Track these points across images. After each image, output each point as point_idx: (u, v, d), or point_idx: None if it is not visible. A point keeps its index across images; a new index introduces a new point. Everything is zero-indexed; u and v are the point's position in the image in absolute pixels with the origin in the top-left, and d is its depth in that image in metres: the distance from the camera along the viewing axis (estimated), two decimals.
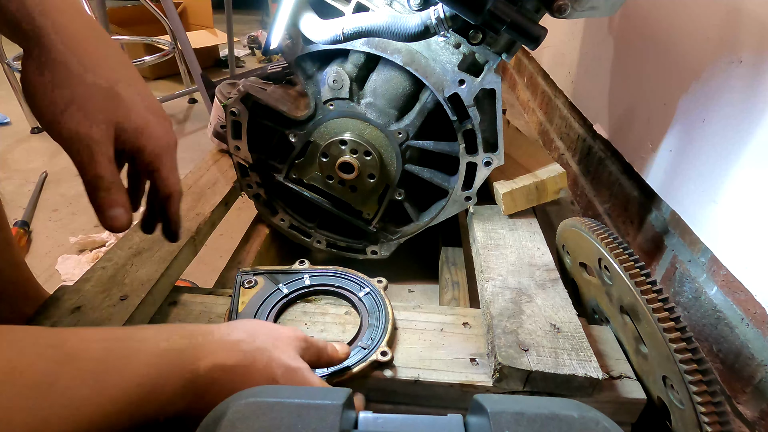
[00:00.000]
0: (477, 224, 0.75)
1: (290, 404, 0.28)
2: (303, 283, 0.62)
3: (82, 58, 0.37)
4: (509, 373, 0.49)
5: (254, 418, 0.27)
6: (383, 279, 0.63)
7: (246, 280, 0.60)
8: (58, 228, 1.13)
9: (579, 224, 0.63)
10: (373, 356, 0.51)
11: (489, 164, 0.70)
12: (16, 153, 1.50)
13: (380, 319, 0.57)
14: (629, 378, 0.52)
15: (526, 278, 0.62)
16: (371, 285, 0.62)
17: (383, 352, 0.51)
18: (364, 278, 0.63)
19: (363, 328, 0.56)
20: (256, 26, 3.33)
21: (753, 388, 0.55)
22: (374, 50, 0.67)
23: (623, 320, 0.55)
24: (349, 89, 0.71)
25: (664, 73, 0.80)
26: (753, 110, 0.59)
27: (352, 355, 0.51)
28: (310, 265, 0.65)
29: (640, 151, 0.86)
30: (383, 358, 0.51)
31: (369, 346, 0.53)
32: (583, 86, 1.22)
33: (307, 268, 0.64)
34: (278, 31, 0.71)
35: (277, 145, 0.79)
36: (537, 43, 0.51)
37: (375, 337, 0.54)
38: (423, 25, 0.54)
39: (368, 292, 0.61)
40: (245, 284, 0.60)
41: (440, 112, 0.69)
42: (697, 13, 0.72)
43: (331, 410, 0.27)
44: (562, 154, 1.34)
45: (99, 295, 0.54)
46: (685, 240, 0.71)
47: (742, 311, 0.57)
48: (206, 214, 0.73)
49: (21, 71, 0.37)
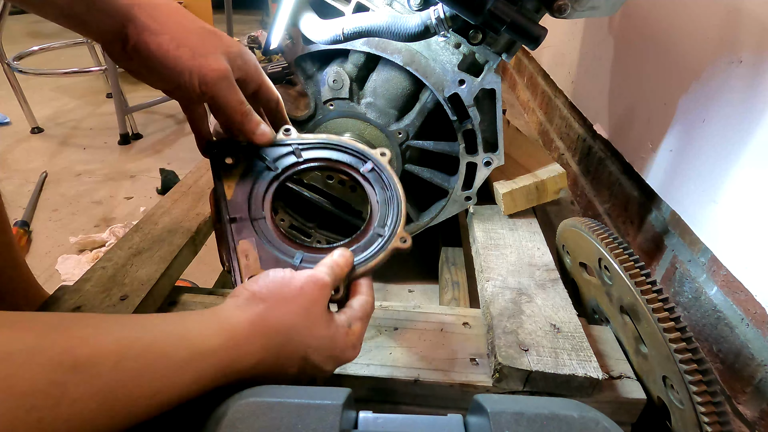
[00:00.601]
0: (477, 224, 0.75)
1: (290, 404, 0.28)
2: (294, 158, 0.51)
3: (174, 15, 0.43)
4: (509, 373, 0.49)
5: (254, 418, 0.27)
6: (386, 151, 0.55)
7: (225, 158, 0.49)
8: (58, 228, 1.13)
9: (579, 224, 0.63)
10: (392, 244, 0.47)
11: (489, 164, 0.70)
12: (16, 153, 1.50)
13: (392, 199, 0.50)
14: (629, 378, 0.52)
15: (526, 278, 0.62)
16: (374, 158, 0.54)
17: (402, 239, 0.47)
18: (365, 149, 0.54)
19: (373, 211, 0.50)
20: (256, 26, 3.33)
21: (753, 388, 0.55)
22: (374, 50, 0.67)
23: (623, 320, 0.55)
24: (349, 89, 0.71)
25: (664, 73, 0.80)
26: (753, 110, 0.59)
27: (370, 243, 0.47)
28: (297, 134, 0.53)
29: (640, 151, 0.86)
30: (403, 245, 0.47)
31: (385, 233, 0.47)
32: (583, 86, 1.22)
33: (295, 137, 0.53)
34: (278, 31, 0.71)
35: None
36: (537, 43, 0.51)
37: (389, 222, 0.48)
38: (423, 25, 0.54)
39: (372, 168, 0.53)
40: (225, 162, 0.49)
41: (440, 112, 0.69)
42: (697, 13, 0.72)
43: (331, 410, 0.27)
44: (562, 154, 1.34)
45: (99, 295, 0.54)
46: (685, 240, 0.71)
47: (742, 311, 0.57)
48: (206, 214, 0.73)
49: (120, 51, 0.42)
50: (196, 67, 0.41)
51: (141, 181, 1.36)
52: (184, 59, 0.41)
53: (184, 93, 0.43)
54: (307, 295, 0.37)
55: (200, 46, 0.42)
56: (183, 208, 0.73)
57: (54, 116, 1.78)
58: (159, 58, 0.41)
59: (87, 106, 1.89)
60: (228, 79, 0.43)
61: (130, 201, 1.26)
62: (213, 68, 0.42)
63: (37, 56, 1.94)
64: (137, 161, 1.49)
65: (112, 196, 1.28)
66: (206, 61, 0.42)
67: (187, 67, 0.41)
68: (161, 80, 0.43)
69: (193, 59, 0.41)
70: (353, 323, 0.40)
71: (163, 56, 0.41)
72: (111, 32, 0.41)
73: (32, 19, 3.31)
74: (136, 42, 0.41)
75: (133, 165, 1.46)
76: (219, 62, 0.43)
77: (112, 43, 0.41)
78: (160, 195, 1.29)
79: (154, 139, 1.65)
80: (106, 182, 1.35)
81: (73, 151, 1.52)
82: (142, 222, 0.69)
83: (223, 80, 0.43)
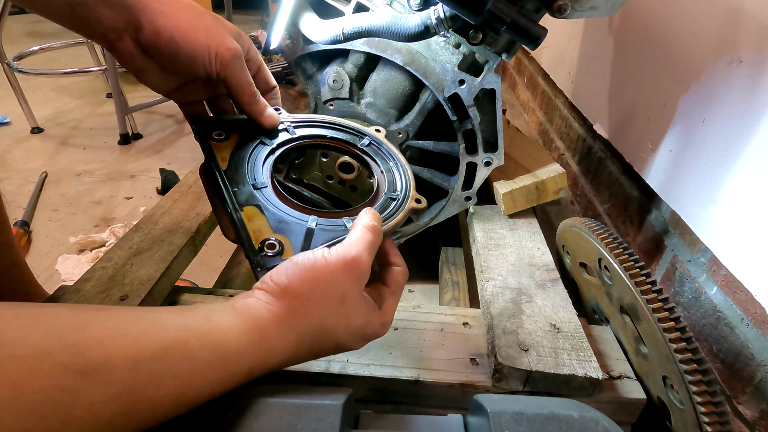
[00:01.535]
0: (477, 224, 0.75)
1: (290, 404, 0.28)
2: (288, 135, 0.50)
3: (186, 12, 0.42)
4: (509, 373, 0.49)
5: (254, 418, 0.27)
6: (381, 128, 0.55)
7: (214, 132, 0.46)
8: (58, 228, 1.13)
9: (579, 224, 0.63)
10: (408, 204, 0.46)
11: (489, 164, 0.70)
12: (16, 153, 1.50)
13: (397, 166, 0.50)
14: (629, 378, 0.52)
15: (526, 278, 0.62)
16: (370, 134, 0.53)
17: (417, 199, 0.46)
18: (360, 127, 0.53)
19: (380, 181, 0.49)
20: (256, 26, 3.33)
21: (753, 388, 0.55)
22: (374, 50, 0.67)
23: (623, 320, 0.55)
24: (349, 89, 0.71)
25: (664, 73, 0.80)
26: (753, 110, 0.59)
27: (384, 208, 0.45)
28: (287, 113, 0.52)
29: (640, 151, 0.86)
30: (419, 205, 0.46)
31: (398, 196, 0.47)
32: (583, 86, 1.22)
33: (286, 116, 0.51)
34: (278, 31, 0.71)
35: None
36: (537, 43, 0.51)
37: (399, 187, 0.48)
38: (423, 25, 0.54)
39: (369, 142, 0.52)
40: (214, 137, 0.46)
41: (440, 112, 0.69)
42: (697, 13, 0.72)
43: (331, 410, 0.27)
44: (562, 154, 1.34)
45: (99, 295, 0.54)
46: (685, 240, 0.71)
47: (742, 311, 0.57)
48: (206, 214, 0.72)
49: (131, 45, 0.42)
50: (213, 46, 0.42)
51: (141, 181, 1.36)
52: (201, 40, 0.41)
53: (201, 74, 0.43)
54: (343, 284, 0.34)
55: (213, 27, 0.42)
56: (183, 208, 0.73)
57: (54, 116, 1.78)
58: (177, 40, 0.41)
59: (87, 106, 1.89)
60: (241, 60, 0.44)
61: (130, 201, 1.26)
62: (228, 47, 0.42)
63: (37, 56, 1.94)
64: (137, 161, 1.49)
65: (112, 196, 1.28)
66: (222, 41, 0.42)
67: (206, 47, 0.41)
68: (178, 66, 0.43)
69: (210, 39, 0.42)
70: (387, 299, 0.38)
71: (181, 37, 0.41)
72: (118, 27, 0.40)
73: (32, 19, 3.31)
74: (152, 28, 0.40)
75: (133, 165, 1.46)
76: (232, 42, 0.43)
77: (120, 39, 0.41)
78: (160, 195, 1.29)
79: (154, 139, 1.65)
80: (106, 182, 1.35)
81: (73, 151, 1.52)
82: (142, 222, 0.69)
83: (237, 60, 0.43)
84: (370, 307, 0.36)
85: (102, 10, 0.39)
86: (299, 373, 0.49)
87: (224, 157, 0.44)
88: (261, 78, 0.50)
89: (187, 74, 0.45)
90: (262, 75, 0.50)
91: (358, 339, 0.36)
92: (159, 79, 0.45)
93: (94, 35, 0.42)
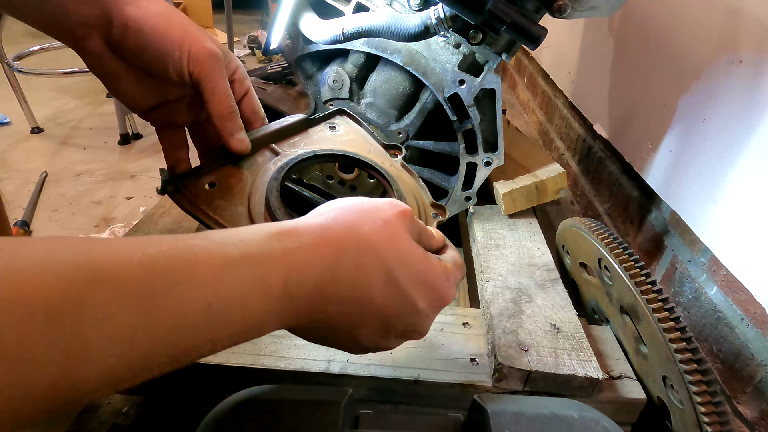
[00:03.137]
0: (477, 224, 0.75)
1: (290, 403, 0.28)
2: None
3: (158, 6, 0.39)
4: (509, 373, 0.49)
5: (254, 417, 0.27)
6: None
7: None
8: (58, 228, 1.13)
9: (579, 224, 0.63)
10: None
11: (489, 164, 0.70)
12: (16, 153, 1.50)
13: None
14: (629, 378, 0.52)
15: (526, 278, 0.62)
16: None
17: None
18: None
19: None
20: (256, 26, 3.33)
21: (753, 388, 0.55)
22: (374, 50, 0.67)
23: (623, 320, 0.55)
24: (349, 89, 0.71)
25: (664, 73, 0.80)
26: (753, 110, 0.59)
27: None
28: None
29: (640, 151, 0.86)
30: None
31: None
32: (583, 86, 1.22)
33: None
34: (278, 31, 0.71)
35: None
36: (537, 43, 0.51)
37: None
38: (423, 25, 0.54)
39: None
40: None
41: (440, 112, 0.69)
42: (697, 13, 0.72)
43: (331, 410, 0.27)
44: (562, 154, 1.34)
45: None
46: (685, 240, 0.71)
47: (742, 311, 0.57)
48: None
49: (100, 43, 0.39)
50: (186, 42, 0.38)
51: (141, 181, 1.36)
52: (173, 35, 0.38)
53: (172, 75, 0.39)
54: (386, 210, 0.32)
55: (189, 24, 0.39)
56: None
57: (54, 116, 1.78)
58: (146, 32, 0.37)
59: (87, 106, 1.89)
60: (219, 62, 0.39)
61: (130, 201, 1.26)
62: (203, 46, 0.38)
63: (37, 56, 1.93)
64: (137, 161, 1.49)
65: (112, 196, 1.28)
66: (197, 37, 0.38)
67: (178, 42, 0.38)
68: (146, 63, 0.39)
69: (184, 35, 0.38)
70: (446, 261, 0.35)
71: (151, 30, 0.37)
72: (87, 23, 0.37)
73: None
74: (121, 21, 0.37)
75: (133, 165, 1.46)
76: (209, 42, 0.39)
77: (88, 37, 0.38)
78: (160, 195, 1.29)
79: (154, 139, 1.65)
80: (106, 182, 1.35)
81: (73, 151, 1.52)
82: (142, 222, 0.69)
83: (214, 61, 0.39)
84: (425, 251, 0.34)
85: (70, 5, 0.37)
86: (299, 372, 0.49)
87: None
88: (248, 105, 0.45)
89: (160, 78, 0.40)
90: (250, 102, 0.45)
91: (415, 280, 0.31)
92: (133, 89, 0.41)
93: (61, 33, 0.38)
